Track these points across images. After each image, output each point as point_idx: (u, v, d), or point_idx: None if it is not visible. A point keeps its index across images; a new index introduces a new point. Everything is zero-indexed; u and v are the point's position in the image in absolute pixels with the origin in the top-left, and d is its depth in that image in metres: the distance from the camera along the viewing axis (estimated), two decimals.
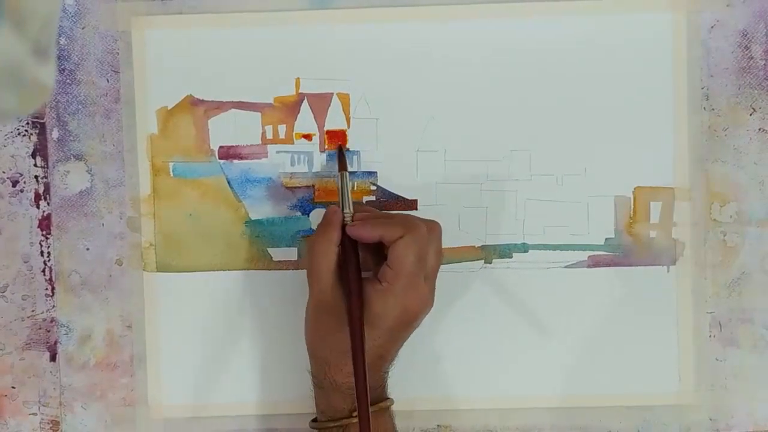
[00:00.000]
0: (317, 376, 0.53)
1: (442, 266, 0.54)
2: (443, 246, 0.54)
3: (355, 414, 0.50)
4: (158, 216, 0.58)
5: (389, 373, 0.54)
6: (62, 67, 0.57)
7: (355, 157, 0.58)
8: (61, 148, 0.58)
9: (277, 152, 0.58)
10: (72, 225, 0.58)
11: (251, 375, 0.59)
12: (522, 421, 0.59)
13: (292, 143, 0.58)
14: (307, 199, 0.58)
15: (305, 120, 0.58)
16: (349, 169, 0.57)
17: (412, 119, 0.58)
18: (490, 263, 0.58)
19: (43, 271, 0.58)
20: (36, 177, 0.58)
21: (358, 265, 0.52)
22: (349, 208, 0.54)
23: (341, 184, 0.55)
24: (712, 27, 0.57)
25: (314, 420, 0.54)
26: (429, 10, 0.57)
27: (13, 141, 0.58)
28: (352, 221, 0.53)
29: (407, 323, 0.52)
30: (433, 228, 0.53)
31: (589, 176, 0.58)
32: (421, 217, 0.54)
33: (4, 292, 0.59)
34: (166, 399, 0.59)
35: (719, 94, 0.58)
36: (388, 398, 0.54)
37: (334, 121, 0.58)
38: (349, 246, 0.52)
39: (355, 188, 0.58)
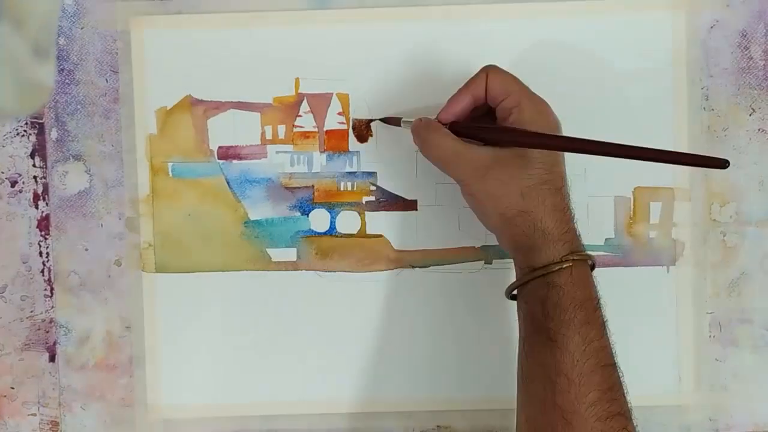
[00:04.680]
0: (524, 235, 0.49)
1: (442, 267, 0.53)
2: (443, 247, 0.53)
3: (565, 258, 0.49)
4: (157, 216, 0.58)
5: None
6: (61, 67, 0.57)
7: (355, 157, 0.58)
8: (60, 149, 0.58)
9: (277, 152, 0.58)
10: (71, 225, 0.58)
11: (250, 375, 0.59)
12: None
13: (292, 143, 0.58)
14: (306, 199, 0.58)
15: (305, 120, 0.58)
16: (349, 169, 0.58)
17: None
18: (490, 264, 0.58)
19: (42, 271, 0.58)
20: (35, 177, 0.58)
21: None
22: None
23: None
24: (711, 27, 0.57)
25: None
26: (429, 10, 0.57)
27: (11, 141, 0.58)
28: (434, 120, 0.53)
29: (557, 129, 0.52)
30: None
31: (589, 176, 0.58)
32: None
33: (3, 292, 0.58)
34: (165, 400, 0.59)
35: (719, 94, 0.58)
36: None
37: (334, 121, 0.58)
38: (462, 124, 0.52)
39: (355, 188, 0.58)
